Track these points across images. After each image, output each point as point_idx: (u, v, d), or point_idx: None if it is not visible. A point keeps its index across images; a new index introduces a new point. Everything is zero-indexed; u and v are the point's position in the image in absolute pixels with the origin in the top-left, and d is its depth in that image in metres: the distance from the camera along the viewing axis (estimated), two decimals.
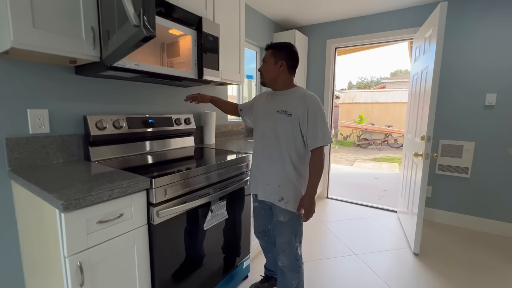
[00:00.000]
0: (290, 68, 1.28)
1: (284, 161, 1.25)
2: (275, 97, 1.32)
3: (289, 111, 1.23)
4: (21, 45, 0.90)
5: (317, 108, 1.21)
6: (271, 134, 1.27)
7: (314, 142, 1.20)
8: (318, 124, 1.20)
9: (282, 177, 1.26)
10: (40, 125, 1.20)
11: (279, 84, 1.30)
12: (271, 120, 1.28)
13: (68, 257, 0.81)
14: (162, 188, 1.06)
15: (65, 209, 0.77)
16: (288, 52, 1.27)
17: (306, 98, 1.22)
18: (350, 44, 3.04)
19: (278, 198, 1.26)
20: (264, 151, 1.31)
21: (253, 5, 2.61)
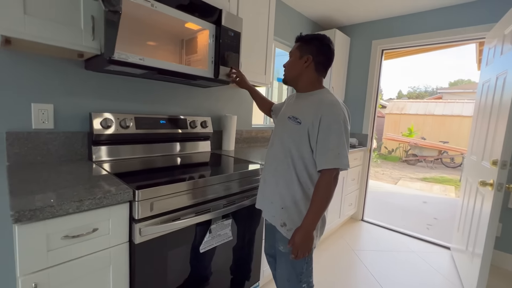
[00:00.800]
0: (318, 65, 1.03)
1: (290, 178, 1.01)
2: (295, 100, 1.11)
3: (299, 118, 1.00)
4: (9, 32, 0.83)
5: (334, 119, 0.93)
6: (278, 143, 1.07)
7: (322, 161, 0.94)
8: (330, 140, 0.92)
9: (287, 198, 1.02)
10: (44, 120, 1.15)
11: (302, 83, 1.07)
12: (281, 127, 1.09)
13: (21, 277, 0.69)
14: (147, 201, 0.90)
15: (17, 221, 0.65)
16: (317, 45, 1.02)
17: (321, 104, 0.97)
18: (400, 46, 2.62)
19: (280, 223, 1.03)
20: (271, 163, 1.10)
21: (290, 3, 2.40)
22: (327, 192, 0.94)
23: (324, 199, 0.94)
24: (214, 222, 1.15)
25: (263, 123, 2.57)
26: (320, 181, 0.95)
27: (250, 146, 2.23)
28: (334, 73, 2.67)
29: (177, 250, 1.03)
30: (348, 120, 0.99)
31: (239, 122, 2.11)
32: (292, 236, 0.97)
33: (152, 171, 1.23)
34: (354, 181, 2.78)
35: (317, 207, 0.94)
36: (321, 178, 0.95)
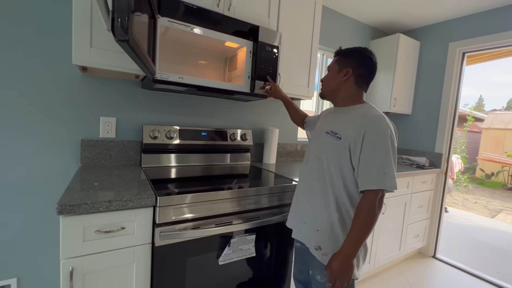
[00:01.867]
0: (358, 79, 0.98)
1: (327, 199, 0.94)
2: (333, 114, 1.05)
3: (339, 133, 0.93)
4: (80, 62, 1.05)
5: (379, 135, 0.86)
6: (315, 160, 1.00)
7: (365, 181, 0.85)
8: (375, 158, 0.84)
9: (323, 219, 0.95)
10: (108, 131, 1.40)
11: (340, 97, 1.01)
12: (317, 142, 1.03)
13: (62, 260, 0.84)
14: (167, 208, 0.97)
15: (59, 213, 0.80)
16: (358, 58, 0.98)
17: (364, 119, 0.90)
18: (490, 46, 2.13)
19: (314, 245, 0.95)
20: (305, 180, 1.04)
21: (342, 10, 2.28)
22: (371, 216, 0.84)
23: (367, 224, 0.85)
24: (235, 236, 1.15)
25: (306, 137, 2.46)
26: (362, 203, 0.86)
27: (294, 160, 2.16)
28: (396, 83, 2.36)
29: (196, 258, 1.06)
30: (395, 136, 0.89)
31: (283, 135, 2.09)
32: (329, 262, 0.89)
33: (186, 179, 1.33)
34: (422, 208, 2.34)
35: (359, 232, 0.85)
36: (364, 200, 0.86)
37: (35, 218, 1.28)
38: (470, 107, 8.18)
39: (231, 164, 1.73)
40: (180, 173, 1.40)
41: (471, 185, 7.07)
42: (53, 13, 1.22)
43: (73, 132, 1.32)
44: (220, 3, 1.33)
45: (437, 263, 2.39)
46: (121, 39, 0.60)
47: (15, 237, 1.25)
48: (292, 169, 1.76)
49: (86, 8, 1.04)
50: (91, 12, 1.05)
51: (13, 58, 1.17)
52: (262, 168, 1.70)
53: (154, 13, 1.07)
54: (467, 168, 7.55)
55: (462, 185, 6.48)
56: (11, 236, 1.24)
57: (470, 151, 7.98)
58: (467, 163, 7.46)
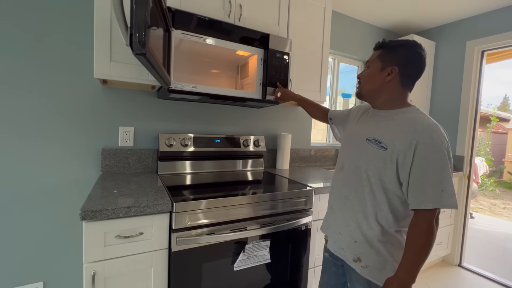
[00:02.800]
0: (404, 79, 0.85)
1: (365, 211, 0.85)
2: (372, 117, 0.93)
3: (384, 142, 0.82)
4: (101, 75, 1.12)
5: (434, 147, 0.74)
6: (352, 168, 0.90)
7: (420, 200, 0.75)
8: (431, 173, 0.74)
9: (361, 231, 0.86)
10: (127, 140, 1.46)
11: (382, 99, 0.89)
12: (356, 148, 0.91)
13: (85, 264, 0.87)
14: (183, 213, 0.99)
15: (83, 218, 0.84)
16: (405, 54, 0.84)
17: (415, 127, 0.77)
18: (510, 44, 2.04)
19: (352, 257, 0.88)
20: (340, 190, 0.94)
21: (353, 14, 2.27)
22: (429, 237, 0.75)
23: (426, 246, 0.75)
24: (250, 242, 1.15)
25: (325, 142, 2.44)
26: (418, 223, 0.77)
27: (308, 166, 2.15)
28: None
29: (211, 264, 1.07)
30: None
31: (296, 140, 2.08)
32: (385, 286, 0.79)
33: (200, 186, 1.35)
34: (445, 214, 2.24)
35: (417, 256, 0.75)
36: (420, 220, 0.77)
37: (60, 224, 1.35)
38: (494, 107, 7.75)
39: (245, 170, 1.75)
40: (195, 180, 1.43)
41: (498, 189, 6.66)
42: (75, 29, 1.31)
43: (94, 142, 1.39)
44: (231, 13, 1.37)
45: (463, 272, 2.26)
46: (138, 53, 0.64)
47: (41, 242, 1.32)
48: (305, 174, 1.75)
49: (106, 25, 1.11)
50: (111, 29, 1.12)
51: (40, 73, 1.26)
52: (276, 174, 1.70)
53: (168, 27, 1.12)
54: (493, 171, 7.13)
55: (488, 189, 6.12)
56: (37, 241, 1.31)
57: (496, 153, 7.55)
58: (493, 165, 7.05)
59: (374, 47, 0.92)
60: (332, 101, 2.40)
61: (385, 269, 0.82)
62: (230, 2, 1.37)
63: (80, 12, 1.30)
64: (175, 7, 1.20)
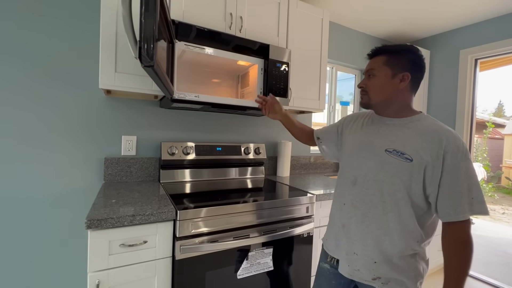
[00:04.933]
0: (414, 84, 0.83)
1: (388, 227, 0.79)
2: (381, 126, 0.87)
3: (408, 153, 0.77)
4: (106, 86, 1.14)
5: (461, 155, 0.73)
6: (370, 182, 0.83)
7: (456, 211, 0.72)
8: (461, 183, 0.72)
9: (382, 250, 0.80)
10: (129, 149, 1.47)
11: (395, 107, 0.85)
12: (372, 161, 0.83)
13: (89, 273, 0.87)
14: (187, 221, 1.00)
15: (88, 227, 0.84)
16: (414, 59, 0.82)
17: (441, 136, 0.75)
18: (503, 52, 2.10)
19: (372, 276, 0.82)
20: (356, 207, 0.85)
21: (349, 25, 2.34)
22: (470, 248, 0.73)
23: (468, 258, 0.73)
24: (253, 249, 1.15)
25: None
26: (458, 236, 0.75)
27: (308, 173, 2.16)
28: None
29: (215, 272, 1.07)
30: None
31: (296, 148, 2.10)
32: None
33: (203, 194, 1.36)
34: None
35: (463, 268, 0.73)
36: (459, 232, 0.74)
37: (62, 233, 1.34)
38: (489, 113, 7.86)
39: (246, 177, 1.76)
40: (197, 188, 1.44)
41: (497, 194, 6.69)
42: (79, 40, 1.34)
43: (97, 151, 1.40)
44: (232, 25, 1.42)
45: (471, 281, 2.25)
46: (147, 65, 0.67)
47: (43, 250, 1.31)
48: (306, 181, 1.76)
49: (111, 37, 1.14)
50: (116, 41, 1.15)
51: (45, 83, 1.29)
52: (277, 181, 1.72)
53: (172, 39, 1.15)
54: (491, 176, 7.17)
55: (487, 194, 6.14)
56: (39, 250, 1.30)
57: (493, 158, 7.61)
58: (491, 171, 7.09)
59: (371, 54, 0.88)
60: (331, 108, 2.44)
61: (404, 284, 0.80)
62: (231, 14, 1.41)
63: (86, 24, 1.34)
64: (178, 19, 1.24)
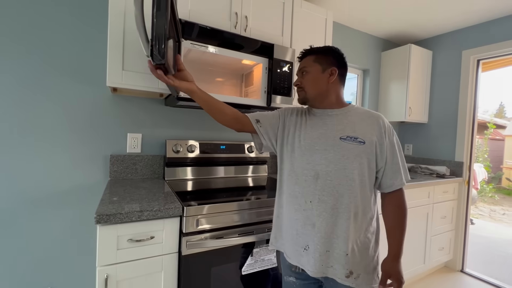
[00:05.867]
0: (341, 78, 0.95)
1: (356, 213, 0.83)
2: (325, 118, 0.90)
3: (360, 137, 0.84)
4: (113, 84, 1.16)
5: (393, 133, 0.90)
6: (333, 172, 0.83)
7: (397, 180, 0.87)
8: (397, 156, 0.88)
9: (352, 239, 0.82)
10: (134, 146, 1.49)
11: (330, 99, 0.91)
12: (331, 152, 0.84)
13: (98, 267, 0.89)
14: (193, 217, 1.02)
15: (97, 222, 0.86)
16: (337, 56, 0.93)
17: (377, 119, 0.88)
18: (505, 53, 2.11)
19: (345, 273, 0.82)
20: (324, 200, 0.83)
21: (352, 25, 2.35)
22: (406, 211, 0.89)
23: (406, 220, 0.88)
24: (257, 246, 1.17)
25: None
26: (397, 203, 0.89)
27: None
28: (411, 92, 2.36)
29: (220, 268, 1.09)
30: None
31: None
32: (386, 271, 0.85)
33: (207, 191, 1.38)
34: (446, 219, 2.26)
35: (404, 230, 0.88)
36: (398, 199, 0.89)
37: (68, 229, 1.36)
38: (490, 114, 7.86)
39: (250, 175, 1.77)
40: (201, 185, 1.45)
41: (498, 195, 6.69)
42: (86, 38, 1.36)
43: (103, 148, 1.42)
44: (237, 25, 1.43)
45: (466, 278, 2.27)
46: (158, 63, 0.68)
47: (49, 246, 1.33)
48: None
49: (119, 36, 1.16)
50: (124, 40, 1.17)
51: (52, 80, 1.30)
52: None
53: (179, 37, 1.16)
54: (491, 177, 7.17)
55: (487, 195, 6.15)
56: (45, 246, 1.32)
57: (494, 159, 7.61)
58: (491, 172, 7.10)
59: (300, 56, 0.98)
60: None
61: (370, 269, 0.84)
62: (236, 13, 1.42)
63: (94, 21, 1.36)
64: (185, 18, 1.25)
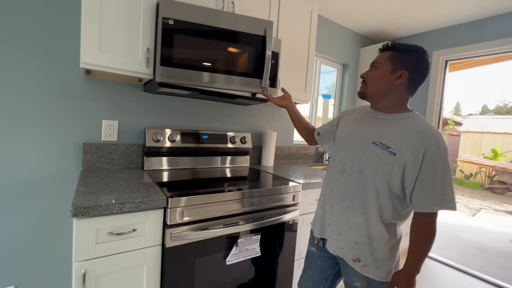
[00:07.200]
0: (411, 84, 0.87)
1: (369, 212, 0.88)
2: (373, 120, 0.93)
3: (393, 147, 0.83)
4: (88, 65, 1.06)
5: (441, 155, 0.79)
6: (355, 171, 0.90)
7: (426, 203, 0.80)
8: (438, 179, 0.79)
9: (363, 233, 0.89)
10: (110, 134, 1.39)
11: (387, 102, 0.90)
12: (360, 151, 0.90)
13: (75, 263, 0.83)
14: (178, 209, 0.99)
15: (74, 215, 0.80)
16: (416, 60, 0.86)
17: (425, 136, 0.80)
18: (470, 55, 2.29)
19: (352, 257, 0.91)
20: (343, 193, 0.93)
21: (336, 19, 2.38)
22: (433, 236, 0.83)
23: (430, 244, 0.83)
24: (242, 236, 1.18)
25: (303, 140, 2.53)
26: (423, 224, 0.83)
27: (290, 163, 2.22)
28: None
29: (204, 259, 1.08)
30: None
31: (280, 138, 2.14)
32: (394, 281, 0.87)
33: (191, 182, 1.34)
34: None
35: (423, 251, 0.83)
36: (426, 222, 0.83)
37: (35, 223, 1.25)
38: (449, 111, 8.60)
39: (232, 166, 1.76)
40: (182, 176, 1.41)
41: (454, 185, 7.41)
42: (56, 12, 1.21)
43: (74, 135, 1.31)
44: (224, 9, 1.37)
45: (429, 262, 2.50)
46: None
47: (13, 242, 1.21)
48: (290, 171, 1.81)
49: (95, 8, 1.05)
50: (100, 14, 1.06)
51: (13, 57, 1.16)
52: (262, 171, 1.74)
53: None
54: None
55: None
56: (9, 242, 1.20)
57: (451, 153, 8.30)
58: None
59: (381, 48, 0.92)
60: (314, 101, 2.50)
61: (381, 267, 0.88)
62: None
63: None
64: None
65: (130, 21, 1.13)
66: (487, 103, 28.28)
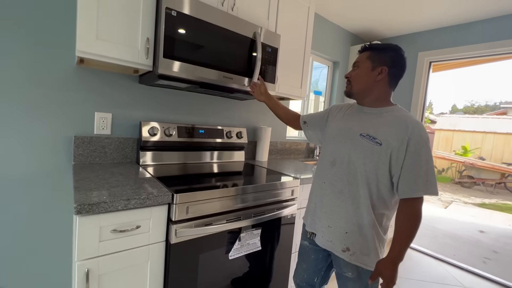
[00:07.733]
0: (391, 78, 0.94)
1: (358, 202, 0.93)
2: (360, 115, 1.00)
3: (379, 138, 0.89)
4: (83, 54, 0.99)
5: (423, 143, 0.85)
6: (346, 163, 0.95)
7: (411, 189, 0.85)
8: (421, 166, 0.84)
9: (353, 222, 0.93)
10: (103, 127, 1.33)
11: (372, 97, 0.97)
12: (348, 144, 0.96)
13: (77, 262, 0.80)
14: (183, 205, 0.97)
15: (78, 212, 0.76)
16: (393, 56, 0.93)
17: (407, 125, 0.87)
18: (451, 58, 2.42)
19: (342, 248, 0.95)
20: (333, 184, 0.98)
21: (328, 17, 2.41)
22: (418, 222, 0.86)
23: (415, 230, 0.86)
24: (244, 231, 1.18)
25: (297, 135, 2.57)
26: (408, 210, 0.87)
27: (283, 158, 2.24)
28: None
29: (207, 254, 1.08)
30: None
31: (273, 133, 2.15)
32: (379, 269, 0.89)
33: (189, 177, 1.32)
34: None
35: (409, 238, 0.86)
36: (410, 207, 0.87)
37: (24, 220, 1.17)
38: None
39: (228, 161, 1.75)
40: (180, 171, 1.39)
41: None
42: None
43: (65, 128, 1.23)
44: (224, 2, 1.34)
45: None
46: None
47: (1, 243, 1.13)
48: (284, 166, 1.84)
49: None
50: (98, 1, 1.00)
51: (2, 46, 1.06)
52: (258, 166, 1.75)
53: None
54: None
55: None
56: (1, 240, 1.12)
57: None
58: None
59: (360, 50, 1.01)
60: (306, 97, 2.53)
61: (370, 254, 0.93)
62: None
63: None
64: None
65: (129, 9, 1.07)
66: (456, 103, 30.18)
